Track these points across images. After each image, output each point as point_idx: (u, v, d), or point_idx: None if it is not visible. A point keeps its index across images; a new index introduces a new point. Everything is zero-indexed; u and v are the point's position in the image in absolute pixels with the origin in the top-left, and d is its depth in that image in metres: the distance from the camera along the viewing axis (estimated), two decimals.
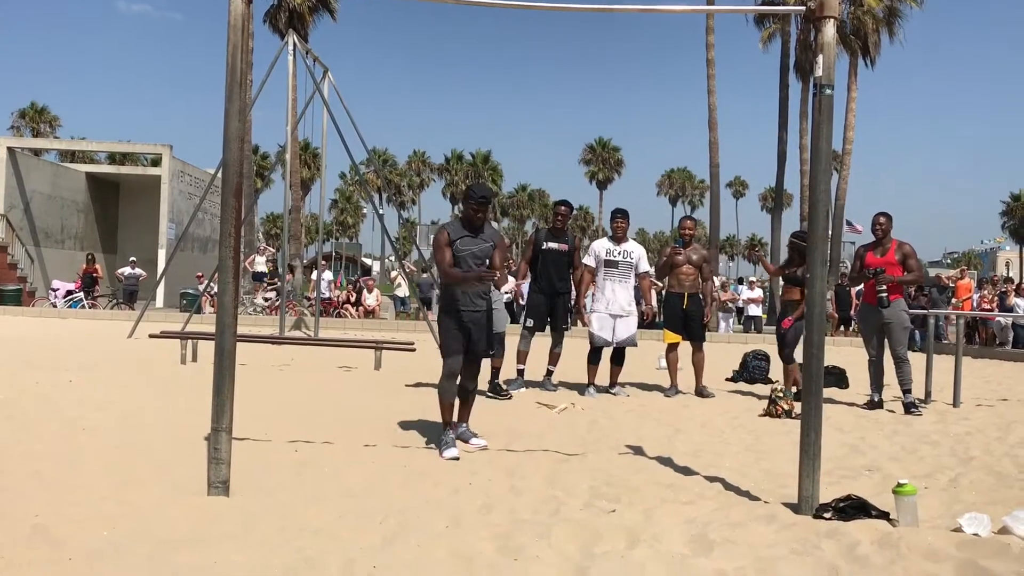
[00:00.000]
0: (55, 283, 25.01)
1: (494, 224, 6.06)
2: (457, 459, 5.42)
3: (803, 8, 4.34)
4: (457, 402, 5.88)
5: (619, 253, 8.80)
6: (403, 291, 24.13)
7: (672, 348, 9.22)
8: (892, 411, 8.24)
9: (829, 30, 4.21)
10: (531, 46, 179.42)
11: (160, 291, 23.80)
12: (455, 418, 5.90)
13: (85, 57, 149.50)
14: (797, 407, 7.03)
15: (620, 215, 8.94)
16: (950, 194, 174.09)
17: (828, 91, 4.22)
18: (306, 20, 28.57)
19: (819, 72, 4.23)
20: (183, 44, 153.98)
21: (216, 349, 4.26)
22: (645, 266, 9.04)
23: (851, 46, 28.45)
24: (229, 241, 4.28)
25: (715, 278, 24.16)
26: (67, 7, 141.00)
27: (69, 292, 23.62)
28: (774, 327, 9.79)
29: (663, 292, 9.87)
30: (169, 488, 4.44)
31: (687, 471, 5.29)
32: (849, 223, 36.33)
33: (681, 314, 9.10)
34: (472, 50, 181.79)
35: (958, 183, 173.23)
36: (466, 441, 5.90)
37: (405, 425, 6.64)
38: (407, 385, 9.14)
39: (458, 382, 5.81)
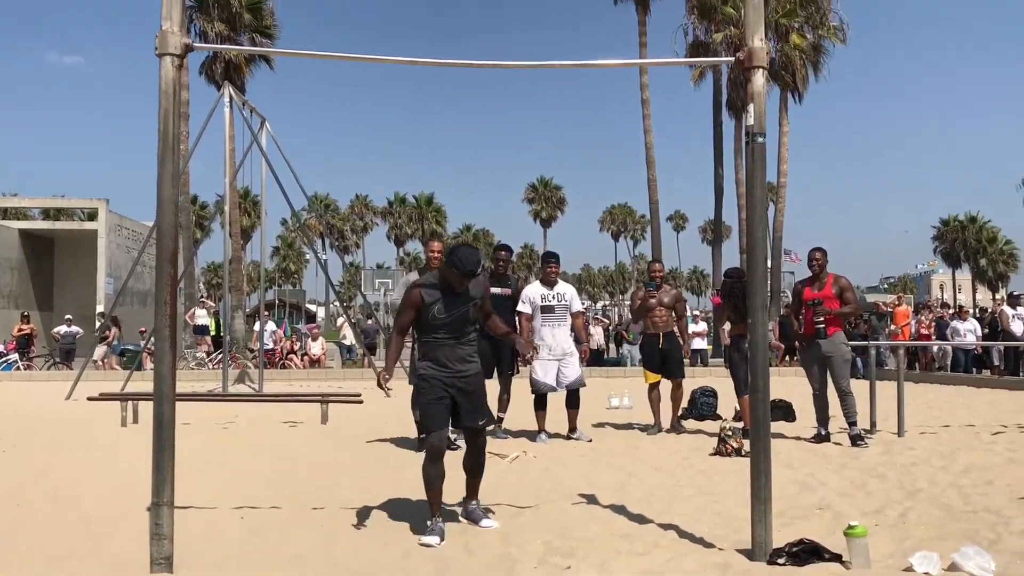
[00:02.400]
0: None
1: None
2: (432, 547, 4.66)
3: (732, 59, 4.42)
4: (464, 476, 5.28)
5: (553, 297, 8.86)
6: (349, 339, 23.92)
7: (653, 387, 9.40)
8: (839, 443, 8.33)
9: (759, 80, 4.29)
10: (470, 86, 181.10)
11: (99, 348, 23.21)
12: (465, 494, 5.29)
13: (16, 111, 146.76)
14: (747, 444, 7.08)
15: (553, 260, 9.13)
16: (883, 220, 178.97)
17: (760, 139, 4.30)
18: (242, 70, 28.43)
19: (751, 121, 4.31)
20: (117, 95, 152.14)
21: (155, 420, 4.14)
22: (578, 305, 9.16)
23: (782, 79, 29.18)
24: (165, 309, 4.18)
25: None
26: None
27: None
28: (721, 361, 9.95)
29: (639, 333, 10.11)
30: (110, 565, 4.28)
31: (641, 519, 5.26)
32: (787, 252, 37.03)
33: (659, 354, 9.31)
34: (412, 92, 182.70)
35: (890, 209, 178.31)
36: (476, 522, 5.15)
37: (353, 483, 6.51)
38: (354, 440, 8.99)
39: (462, 460, 5.20)
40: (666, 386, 9.42)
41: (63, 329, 23.91)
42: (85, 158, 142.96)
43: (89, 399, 11.46)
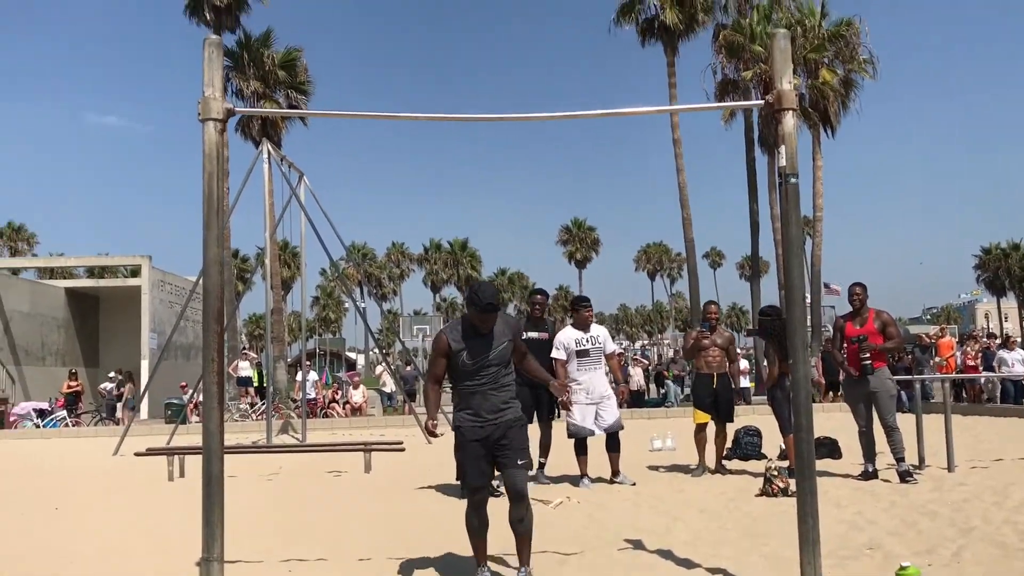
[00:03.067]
0: (21, 406, 23.82)
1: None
2: None
3: (761, 103, 4.47)
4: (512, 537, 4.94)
5: (587, 340, 8.86)
6: (389, 386, 24.02)
7: (701, 428, 9.33)
8: (887, 480, 8.20)
9: (789, 121, 4.34)
10: (501, 132, 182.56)
11: (144, 403, 23.55)
12: (519, 559, 4.98)
13: (58, 172, 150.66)
14: (793, 484, 7.00)
15: (586, 303, 9.10)
16: (924, 249, 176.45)
17: (793, 180, 4.33)
18: (279, 126, 29.00)
19: (783, 162, 4.35)
20: (155, 153, 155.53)
21: (204, 476, 4.22)
22: (612, 346, 9.16)
23: (811, 118, 29.15)
24: (212, 366, 4.28)
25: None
26: (36, 123, 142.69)
27: (42, 412, 23.13)
28: (764, 398, 9.86)
29: (692, 373, 10.10)
30: None
31: (687, 564, 5.22)
32: (827, 286, 36.72)
33: (711, 394, 9.27)
34: (444, 140, 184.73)
35: (931, 238, 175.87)
36: None
37: (398, 533, 6.53)
38: (398, 489, 9.02)
39: (507, 514, 4.86)
40: (711, 427, 9.34)
41: (108, 385, 24.29)
42: (127, 216, 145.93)
43: (136, 454, 11.62)
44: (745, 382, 22.86)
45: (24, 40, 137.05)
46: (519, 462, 4.85)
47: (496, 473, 4.96)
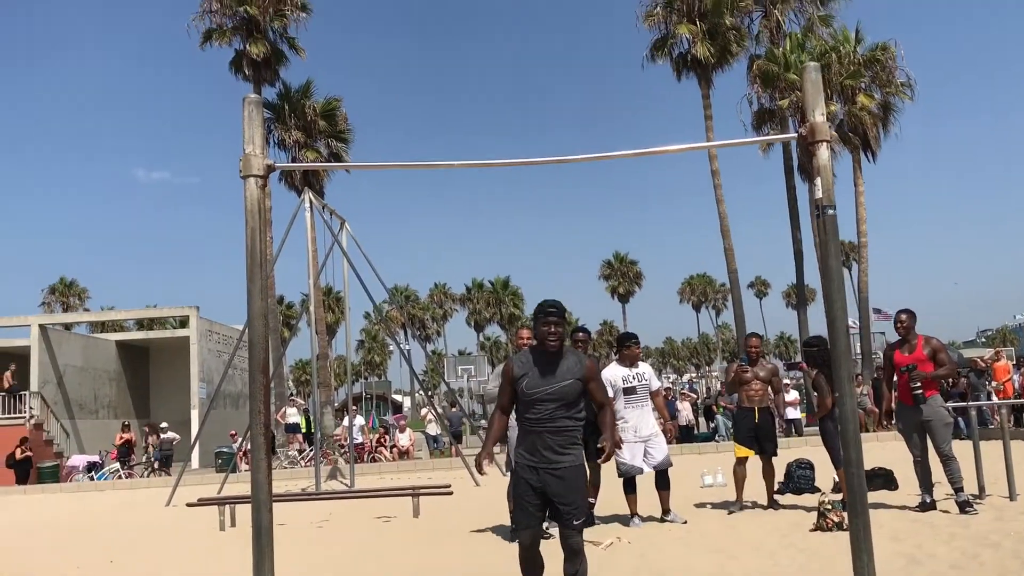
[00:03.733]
0: (73, 459, 24.41)
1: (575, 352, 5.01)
2: None
3: (795, 136, 4.46)
4: None
5: (634, 378, 8.80)
6: (434, 429, 24.04)
7: (741, 463, 9.20)
8: (946, 511, 8.00)
9: (823, 154, 4.31)
10: (541, 169, 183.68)
11: (195, 452, 23.83)
12: None
13: (109, 227, 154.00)
14: (847, 517, 6.86)
15: (634, 340, 9.03)
16: (977, 270, 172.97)
17: (831, 211, 4.30)
18: (320, 175, 29.52)
19: (819, 194, 4.32)
20: (201, 205, 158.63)
21: (253, 528, 4.25)
22: (656, 383, 9.05)
23: (851, 143, 28.97)
24: (259, 417, 4.33)
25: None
26: (89, 181, 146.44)
27: (92, 465, 23.52)
28: (816, 429, 9.68)
29: (734, 407, 9.95)
30: None
31: None
32: (878, 311, 36.17)
33: (752, 428, 9.14)
34: (484, 178, 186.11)
35: (983, 259, 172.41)
36: None
37: None
38: (447, 533, 9.00)
39: (561, 562, 4.72)
40: (758, 463, 9.20)
41: (160, 436, 24.66)
42: (175, 267, 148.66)
43: (188, 505, 11.74)
44: (795, 413, 22.50)
45: (73, 97, 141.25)
46: (575, 522, 4.68)
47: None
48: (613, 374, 8.84)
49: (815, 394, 9.13)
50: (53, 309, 60.68)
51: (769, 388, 9.28)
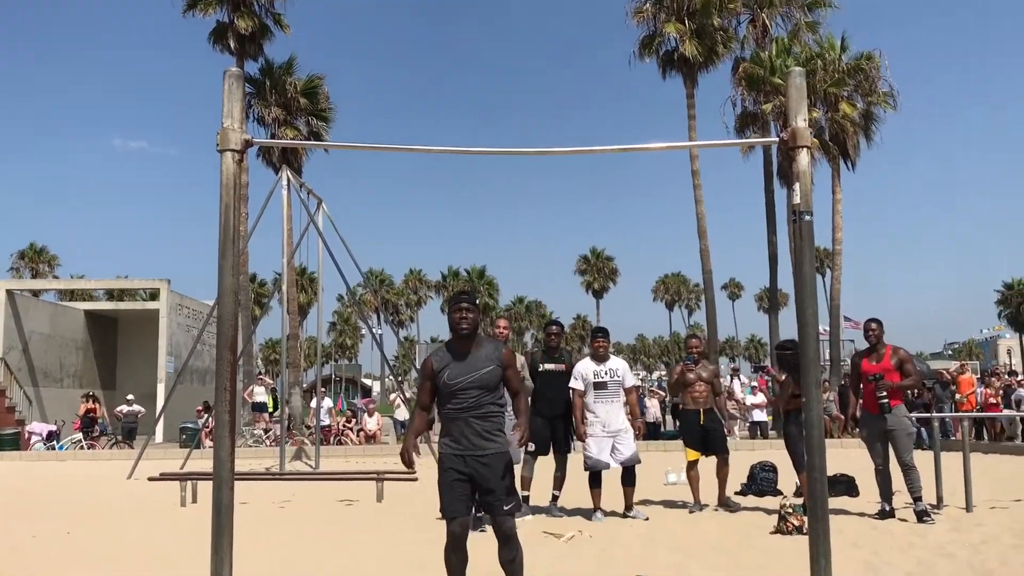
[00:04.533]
0: (33, 425, 24.04)
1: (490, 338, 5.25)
2: None
3: (776, 140, 4.47)
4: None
5: (606, 373, 8.80)
6: (402, 414, 23.98)
7: (692, 465, 9.22)
8: (904, 519, 8.10)
9: (803, 159, 4.33)
10: (521, 162, 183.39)
11: (160, 426, 23.63)
12: None
13: (83, 195, 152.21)
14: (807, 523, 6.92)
15: (601, 335, 9.03)
16: (945, 284, 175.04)
17: (807, 217, 4.31)
18: (299, 152, 29.25)
19: (796, 199, 4.33)
20: (179, 178, 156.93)
21: (213, 505, 4.21)
22: (631, 380, 9.05)
23: (831, 152, 29.14)
24: (224, 394, 4.28)
25: (738, 380, 24.06)
26: (64, 147, 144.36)
27: (51, 434, 23.23)
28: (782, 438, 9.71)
29: (679, 408, 9.97)
30: None
31: None
32: (847, 319, 36.50)
33: (699, 430, 9.17)
34: (464, 168, 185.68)
35: (953, 272, 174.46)
36: None
37: (408, 564, 6.49)
38: (410, 518, 8.99)
39: (497, 554, 4.74)
40: (711, 463, 9.22)
41: (125, 408, 24.42)
42: (148, 239, 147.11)
43: (150, 479, 11.65)
44: (762, 416, 22.68)
45: (54, 67, 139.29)
46: (505, 508, 4.73)
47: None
48: (585, 368, 8.85)
49: (777, 397, 9.16)
50: (22, 275, 59.92)
51: (712, 390, 9.27)
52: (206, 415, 22.02)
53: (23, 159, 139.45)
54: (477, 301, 4.94)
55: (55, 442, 22.72)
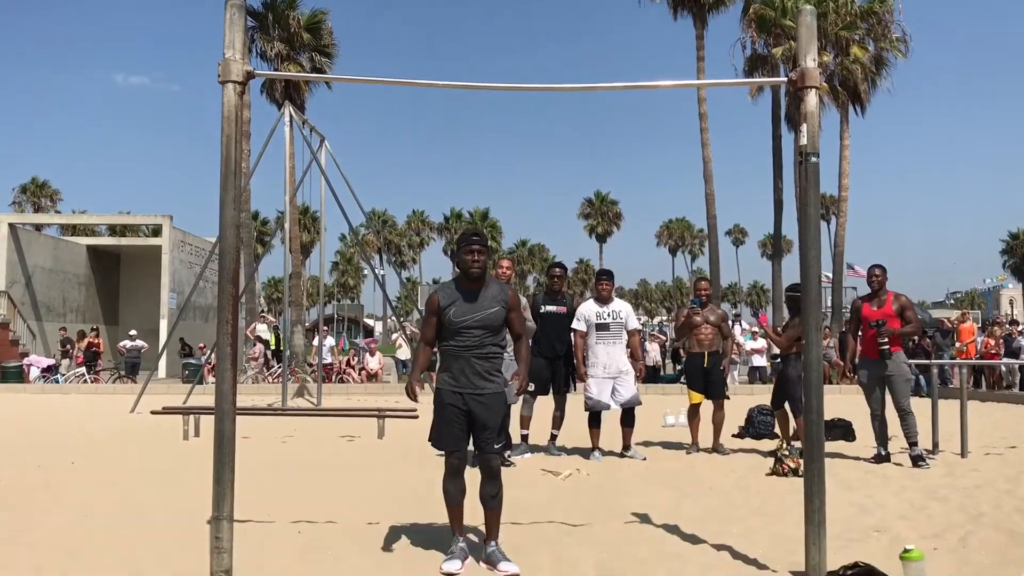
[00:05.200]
0: (31, 358, 24.21)
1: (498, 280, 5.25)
2: (454, 573, 4.52)
3: (784, 80, 4.42)
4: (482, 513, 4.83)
5: (608, 314, 8.81)
6: (404, 353, 24.12)
7: (695, 408, 9.30)
8: (900, 464, 8.18)
9: (811, 100, 4.28)
10: (526, 103, 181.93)
11: (162, 362, 23.80)
12: (486, 534, 4.83)
13: (85, 130, 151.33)
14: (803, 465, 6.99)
15: (605, 277, 9.04)
16: (950, 233, 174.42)
17: (813, 159, 4.28)
18: (302, 90, 28.98)
19: (804, 140, 4.30)
20: (180, 114, 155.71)
21: (215, 436, 4.26)
22: (634, 323, 9.06)
23: (839, 97, 28.82)
24: (226, 328, 4.30)
25: (739, 325, 24.09)
26: (66, 82, 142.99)
27: (48, 368, 23.39)
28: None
29: (683, 351, 10.01)
30: None
31: (694, 539, 5.23)
32: (850, 266, 36.42)
33: (702, 373, 9.19)
34: (469, 108, 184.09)
35: (957, 222, 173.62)
36: (494, 565, 4.61)
37: (408, 499, 6.58)
38: (410, 455, 9.09)
39: (478, 489, 4.77)
40: (708, 407, 9.28)
41: (128, 343, 24.57)
42: (151, 175, 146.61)
43: (153, 412, 11.76)
44: (762, 361, 22.79)
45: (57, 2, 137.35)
46: (496, 446, 4.81)
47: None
48: (587, 309, 8.87)
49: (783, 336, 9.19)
50: (24, 209, 59.79)
51: (719, 333, 9.29)
52: (209, 352, 22.17)
53: (24, 94, 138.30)
54: (487, 242, 4.91)
55: (54, 375, 22.92)
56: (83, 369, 23.36)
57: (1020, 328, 21.31)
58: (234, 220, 4.33)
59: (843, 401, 14.88)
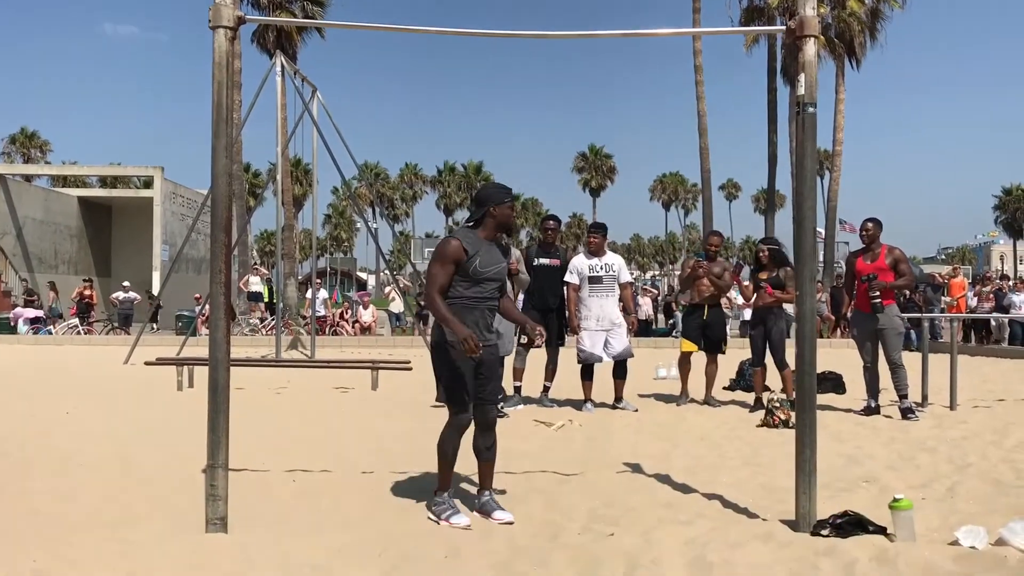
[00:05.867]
0: (18, 310, 23.89)
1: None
2: (469, 527, 4.47)
3: (783, 28, 4.37)
4: (477, 464, 4.84)
5: (601, 267, 8.82)
6: (397, 306, 24.14)
7: (686, 357, 9.32)
8: (889, 416, 8.25)
9: (810, 49, 4.24)
10: (520, 55, 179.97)
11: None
12: (480, 484, 4.85)
13: (74, 81, 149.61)
14: (794, 416, 7.03)
15: (595, 230, 9.04)
16: (942, 189, 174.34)
17: (811, 109, 4.25)
18: (294, 39, 28.60)
19: (801, 90, 4.26)
20: (170, 63, 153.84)
21: (210, 385, 4.26)
22: (626, 276, 9.07)
23: (836, 50, 28.58)
24: (220, 276, 4.28)
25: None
26: (55, 32, 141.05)
27: (36, 319, 23.31)
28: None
29: (684, 303, 10.00)
30: (168, 525, 4.43)
31: (685, 488, 5.29)
32: (843, 222, 36.47)
33: (700, 324, 9.22)
34: (462, 61, 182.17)
35: (949, 177, 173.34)
36: (488, 514, 4.64)
37: (402, 449, 6.63)
38: (403, 406, 9.14)
39: (472, 441, 4.76)
40: (702, 359, 9.31)
41: (121, 295, 24.50)
42: (141, 127, 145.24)
43: (147, 363, 11.77)
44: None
45: None
46: (497, 395, 4.86)
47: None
48: (580, 262, 8.87)
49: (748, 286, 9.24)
50: (13, 160, 59.20)
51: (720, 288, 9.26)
52: (203, 303, 22.13)
53: (13, 43, 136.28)
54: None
55: (42, 326, 22.85)
56: (76, 320, 23.32)
57: (1011, 283, 21.42)
58: (226, 168, 4.29)
59: (835, 355, 14.95)
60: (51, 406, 8.99)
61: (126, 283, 25.28)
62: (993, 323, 19.39)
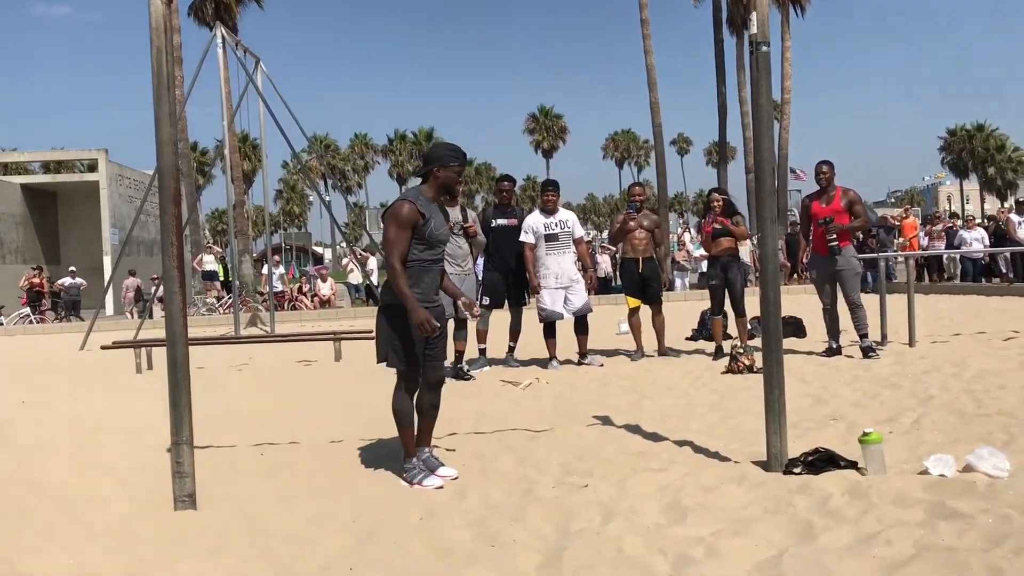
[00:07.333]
0: None
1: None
2: (442, 487, 4.48)
3: None
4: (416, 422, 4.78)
5: (556, 224, 8.77)
6: (356, 278, 23.93)
7: (633, 312, 9.29)
8: (851, 356, 8.36)
9: None
10: (466, 19, 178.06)
11: (109, 298, 23.34)
12: (416, 443, 4.75)
13: (10, 65, 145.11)
14: (759, 360, 7.08)
15: (550, 188, 9.00)
16: (889, 133, 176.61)
17: (764, 48, 4.21)
18: (233, 10, 28.00)
19: (754, 29, 4.22)
20: (108, 44, 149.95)
21: (168, 361, 4.16)
22: (580, 231, 9.04)
23: None
24: (172, 250, 4.17)
25: (688, 233, 24.29)
26: None
27: None
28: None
29: (618, 258, 9.98)
30: (135, 505, 4.34)
31: (656, 437, 5.31)
32: (793, 171, 36.76)
33: (638, 278, 9.16)
34: (406, 25, 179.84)
35: (895, 121, 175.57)
36: (433, 470, 4.65)
37: (369, 416, 6.56)
38: (368, 375, 9.06)
39: (415, 399, 4.75)
40: (648, 313, 9.27)
41: (67, 281, 23.96)
42: (82, 109, 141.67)
43: (103, 348, 11.55)
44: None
45: None
46: (445, 357, 4.96)
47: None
48: (535, 220, 8.81)
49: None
50: None
51: (652, 239, 9.21)
52: (158, 284, 21.75)
53: None
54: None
55: None
56: (27, 310, 22.80)
57: (960, 222, 21.79)
58: (171, 137, 4.15)
59: (793, 301, 15.12)
60: (4, 398, 8.75)
61: (72, 268, 24.72)
62: (945, 260, 19.75)
